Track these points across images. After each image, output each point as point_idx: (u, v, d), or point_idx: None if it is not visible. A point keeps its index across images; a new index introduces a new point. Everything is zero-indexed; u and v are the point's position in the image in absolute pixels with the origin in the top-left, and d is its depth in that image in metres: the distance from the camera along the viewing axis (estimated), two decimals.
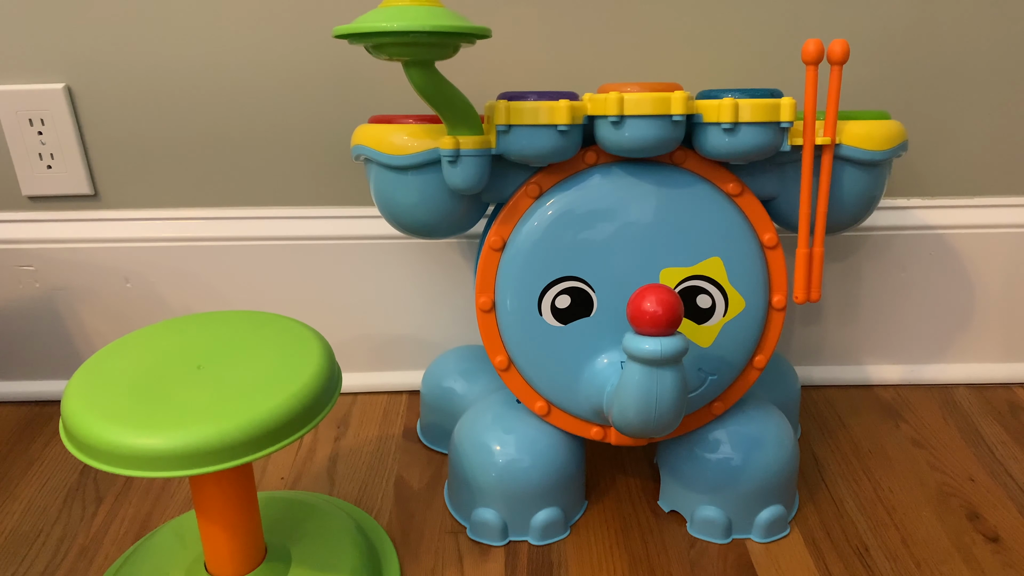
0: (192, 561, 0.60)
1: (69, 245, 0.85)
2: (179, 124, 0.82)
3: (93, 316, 0.88)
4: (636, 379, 0.55)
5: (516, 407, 0.68)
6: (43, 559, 0.66)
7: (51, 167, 0.83)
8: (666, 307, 0.53)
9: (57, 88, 0.80)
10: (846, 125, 0.62)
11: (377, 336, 0.89)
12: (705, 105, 0.59)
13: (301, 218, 0.85)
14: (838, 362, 0.92)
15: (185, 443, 0.47)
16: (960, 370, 0.92)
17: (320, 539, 0.63)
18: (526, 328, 0.64)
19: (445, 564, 0.65)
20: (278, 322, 0.60)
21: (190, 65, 0.79)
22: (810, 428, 0.84)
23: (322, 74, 0.80)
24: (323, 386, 0.53)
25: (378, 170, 0.63)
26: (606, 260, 0.62)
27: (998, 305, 0.90)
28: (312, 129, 0.82)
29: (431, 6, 0.51)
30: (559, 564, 0.65)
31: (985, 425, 0.84)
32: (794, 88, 0.62)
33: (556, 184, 0.62)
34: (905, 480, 0.75)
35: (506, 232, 0.63)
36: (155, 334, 0.58)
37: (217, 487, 0.54)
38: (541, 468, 0.65)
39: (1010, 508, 0.71)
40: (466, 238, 0.84)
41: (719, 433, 0.67)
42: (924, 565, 0.64)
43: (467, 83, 0.60)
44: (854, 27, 0.79)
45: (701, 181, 0.62)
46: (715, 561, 0.65)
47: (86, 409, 0.49)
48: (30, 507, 0.72)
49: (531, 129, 0.58)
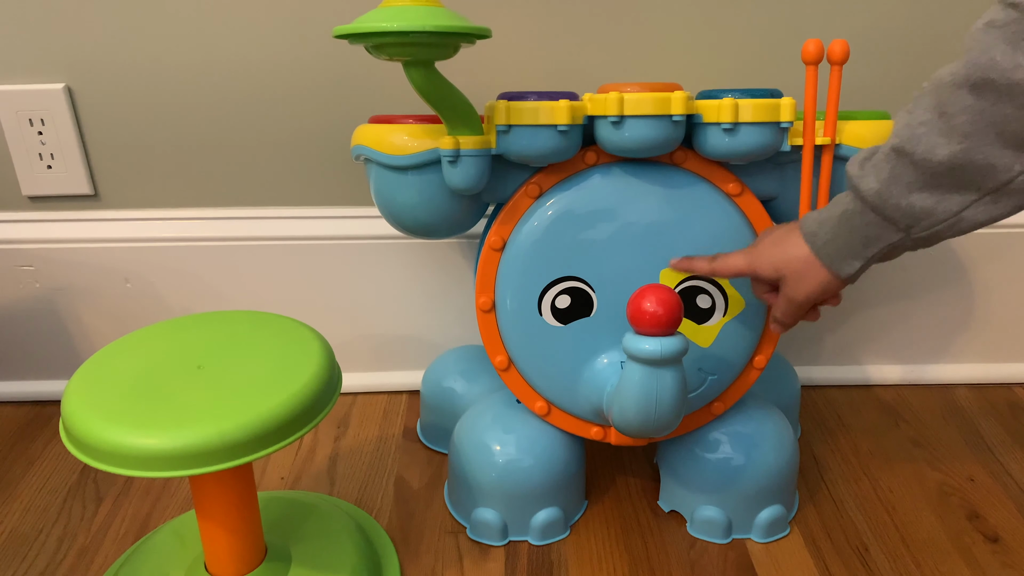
0: (192, 561, 0.60)
1: (69, 245, 0.85)
2: (179, 124, 0.82)
3: (93, 316, 0.88)
4: (636, 379, 0.55)
5: (516, 407, 0.68)
6: (43, 559, 0.66)
7: (51, 167, 0.83)
8: (666, 307, 0.53)
9: (57, 88, 0.80)
10: (846, 125, 0.62)
11: (377, 336, 0.89)
12: (705, 105, 0.59)
13: (301, 218, 0.85)
14: (838, 362, 0.92)
15: (185, 443, 0.47)
16: (960, 370, 0.92)
17: (320, 539, 0.63)
18: (526, 328, 0.64)
19: (445, 564, 0.65)
20: (278, 322, 0.60)
21: (190, 65, 0.79)
22: (810, 428, 0.84)
23: (322, 74, 0.80)
24: (323, 386, 0.53)
25: (378, 170, 0.63)
26: (606, 260, 0.62)
27: (998, 305, 0.90)
28: (312, 129, 0.82)
29: (431, 6, 0.51)
30: (559, 564, 0.65)
31: (985, 425, 0.84)
32: (794, 88, 0.62)
33: (556, 184, 0.62)
34: (905, 480, 0.75)
35: (506, 232, 0.63)
36: (155, 334, 0.58)
37: (217, 487, 0.54)
38: (541, 468, 0.65)
39: (1010, 508, 0.71)
40: (466, 238, 0.84)
41: (719, 433, 0.67)
42: (924, 565, 0.64)
43: (467, 83, 0.60)
44: (854, 27, 0.79)
45: (701, 181, 0.62)
46: (715, 561, 0.65)
47: (86, 409, 0.49)
48: (30, 507, 0.72)
49: (531, 129, 0.58)
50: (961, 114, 0.45)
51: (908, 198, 0.49)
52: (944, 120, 0.46)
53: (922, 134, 0.47)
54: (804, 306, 0.58)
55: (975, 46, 0.44)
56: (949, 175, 0.47)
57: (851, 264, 0.54)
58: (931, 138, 0.47)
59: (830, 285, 0.56)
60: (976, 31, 0.45)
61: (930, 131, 0.47)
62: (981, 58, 0.44)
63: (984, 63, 0.44)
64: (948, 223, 0.49)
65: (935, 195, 0.48)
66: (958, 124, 0.45)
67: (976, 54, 0.44)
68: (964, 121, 0.45)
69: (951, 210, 0.48)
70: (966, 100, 0.45)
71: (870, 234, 0.52)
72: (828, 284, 0.55)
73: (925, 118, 0.47)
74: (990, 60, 0.43)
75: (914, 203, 0.49)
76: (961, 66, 0.45)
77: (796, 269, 0.56)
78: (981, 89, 0.44)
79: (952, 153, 0.46)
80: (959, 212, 0.48)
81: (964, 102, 0.45)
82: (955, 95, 0.45)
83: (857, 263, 0.53)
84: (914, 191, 0.49)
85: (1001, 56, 0.43)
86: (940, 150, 0.46)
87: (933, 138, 0.47)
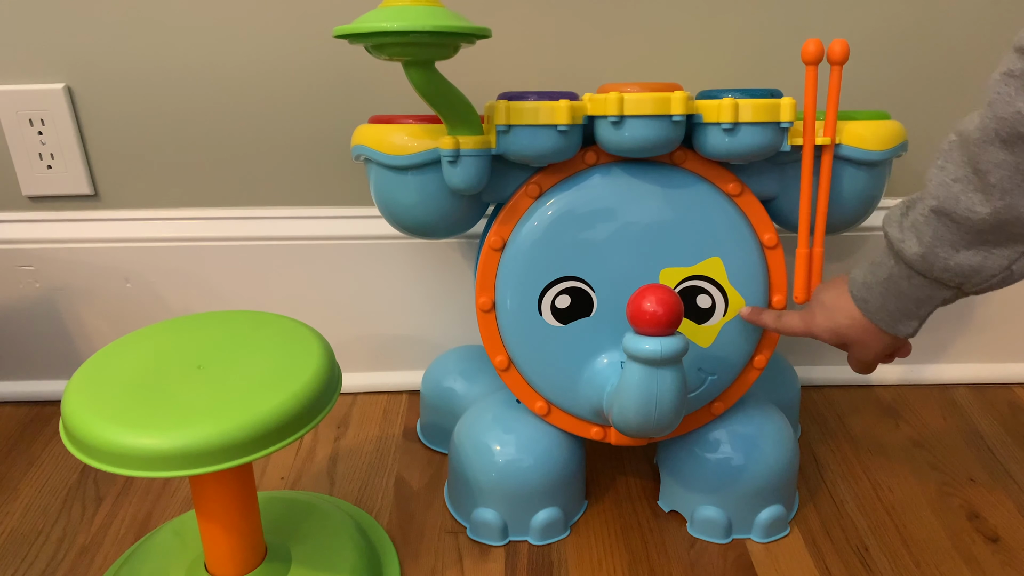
0: (192, 561, 0.59)
1: (69, 245, 0.85)
2: (179, 124, 0.82)
3: (93, 316, 0.88)
4: (636, 379, 0.55)
5: (516, 407, 0.68)
6: (43, 559, 0.66)
7: (51, 167, 0.83)
8: (666, 307, 0.53)
9: (57, 88, 0.80)
10: (846, 125, 0.62)
11: (377, 336, 0.89)
12: (705, 105, 0.59)
13: (301, 218, 0.85)
14: (838, 362, 0.92)
15: (185, 443, 0.47)
16: (960, 370, 0.92)
17: (320, 539, 0.63)
18: (526, 328, 0.64)
19: (445, 564, 0.65)
20: (278, 322, 0.60)
21: (190, 65, 0.79)
22: (810, 428, 0.84)
23: (322, 74, 0.80)
24: (323, 386, 0.53)
25: (378, 170, 0.63)
26: (606, 260, 0.62)
27: (998, 305, 0.90)
28: (312, 129, 0.82)
29: (431, 6, 0.51)
30: (559, 564, 0.65)
31: (985, 425, 0.84)
32: (794, 88, 0.62)
33: (556, 184, 0.62)
34: (905, 480, 0.75)
35: (506, 232, 0.63)
36: (155, 334, 0.58)
37: (217, 487, 0.54)
38: (541, 468, 0.65)
39: (1010, 508, 0.71)
40: (466, 238, 0.84)
41: (719, 433, 0.67)
42: (924, 565, 0.64)
43: (467, 83, 0.60)
44: (854, 27, 0.79)
45: (701, 181, 0.62)
46: (715, 561, 0.65)
47: (86, 409, 0.49)
48: (30, 507, 0.72)
49: (531, 129, 0.58)
50: (997, 170, 0.44)
51: (955, 258, 0.48)
52: (980, 177, 0.45)
53: (959, 192, 0.46)
54: (876, 361, 0.59)
55: (997, 99, 0.44)
56: (993, 232, 0.46)
57: (908, 325, 0.54)
58: (969, 195, 0.46)
59: (894, 342, 0.56)
60: (995, 82, 0.44)
61: (966, 188, 0.46)
62: (1007, 111, 0.43)
63: (1011, 117, 0.43)
64: (999, 277, 0.48)
65: (981, 252, 0.48)
66: (995, 181, 0.45)
67: (1000, 108, 0.43)
68: (1002, 177, 0.44)
69: (1001, 265, 0.48)
70: (999, 156, 0.44)
71: (921, 296, 0.52)
72: (892, 343, 0.56)
73: (959, 174, 0.46)
74: (1016, 113, 0.43)
75: (961, 262, 0.48)
76: (988, 120, 0.44)
77: (856, 337, 0.56)
78: (1013, 144, 0.43)
79: (995, 210, 0.45)
80: (1009, 266, 0.48)
81: (997, 158, 0.44)
82: (986, 152, 0.45)
83: (914, 323, 0.54)
84: (960, 249, 0.48)
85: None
86: (980, 207, 0.46)
87: (971, 195, 0.46)
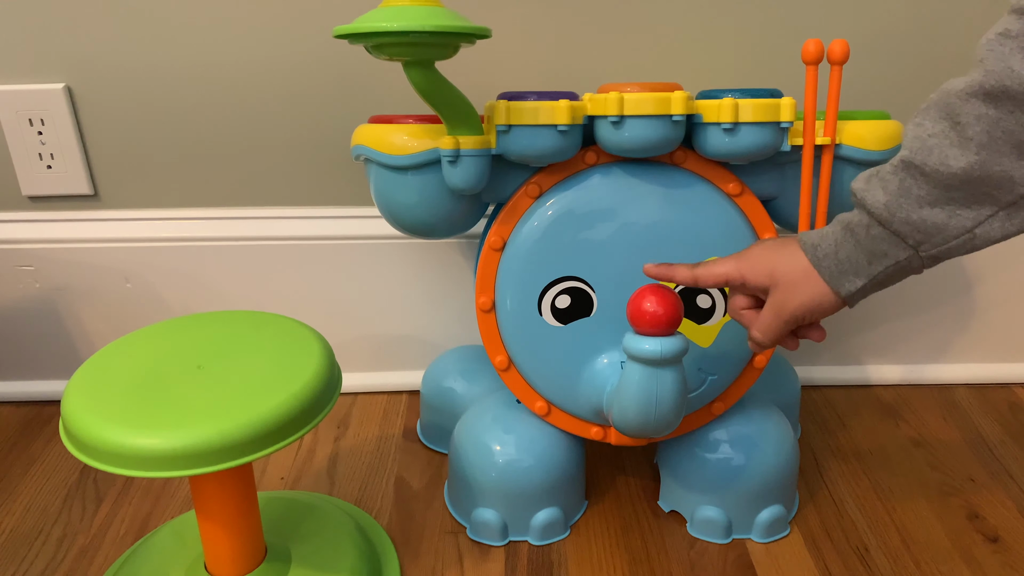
0: (192, 561, 0.59)
1: (69, 245, 0.85)
2: (179, 124, 0.82)
3: (93, 316, 0.88)
4: (636, 379, 0.55)
5: (516, 407, 0.68)
6: (43, 559, 0.66)
7: (51, 167, 0.83)
8: (666, 307, 0.53)
9: (57, 88, 0.80)
10: (846, 125, 0.62)
11: (377, 336, 0.89)
12: (705, 105, 0.59)
13: (301, 218, 0.85)
14: (838, 362, 0.92)
15: (185, 443, 0.47)
16: (960, 370, 0.92)
17: (320, 539, 0.63)
18: (526, 328, 0.64)
19: (445, 564, 0.65)
20: (278, 322, 0.60)
21: (190, 65, 0.79)
22: (810, 428, 0.84)
23: (322, 74, 0.80)
24: (323, 386, 0.53)
25: (378, 170, 0.63)
26: (606, 260, 0.62)
27: (998, 305, 0.90)
28: (312, 129, 0.82)
29: (431, 6, 0.51)
30: (559, 564, 0.65)
31: (985, 425, 0.84)
32: (794, 88, 0.62)
33: (556, 184, 0.62)
34: (905, 480, 0.75)
35: (506, 232, 0.63)
36: (155, 334, 0.58)
37: (217, 487, 0.54)
38: (541, 468, 0.65)
39: (1010, 508, 0.71)
40: (466, 238, 0.84)
41: (719, 433, 0.67)
42: (924, 565, 0.64)
43: (467, 83, 0.60)
44: (854, 27, 0.79)
45: (701, 181, 0.62)
46: (715, 561, 0.65)
47: (86, 409, 0.49)
48: (30, 507, 0.72)
49: (531, 129, 0.58)
50: (976, 124, 0.43)
51: (919, 212, 0.46)
52: (957, 131, 0.44)
53: (934, 145, 0.45)
54: (790, 322, 0.53)
55: (989, 55, 0.42)
56: (963, 188, 0.45)
57: (852, 282, 0.50)
58: (944, 149, 0.44)
59: (824, 302, 0.51)
60: (990, 40, 0.43)
61: (942, 142, 0.44)
62: (997, 67, 0.42)
63: (1001, 72, 0.42)
64: (961, 240, 0.46)
65: (947, 209, 0.45)
66: (973, 135, 0.43)
67: (992, 63, 0.42)
68: (980, 131, 0.43)
69: (964, 226, 0.46)
70: (981, 109, 0.43)
71: (876, 249, 0.49)
72: (823, 300, 0.51)
73: (936, 129, 0.45)
74: (1007, 69, 0.41)
75: (925, 218, 0.46)
76: (976, 74, 0.43)
77: (792, 279, 0.52)
78: (998, 98, 0.42)
79: (968, 164, 0.44)
80: (972, 228, 0.46)
81: (978, 111, 0.43)
82: (969, 104, 0.43)
83: (859, 281, 0.50)
84: (925, 205, 0.46)
85: (1019, 65, 0.41)
86: (954, 161, 0.44)
87: (946, 149, 0.44)
